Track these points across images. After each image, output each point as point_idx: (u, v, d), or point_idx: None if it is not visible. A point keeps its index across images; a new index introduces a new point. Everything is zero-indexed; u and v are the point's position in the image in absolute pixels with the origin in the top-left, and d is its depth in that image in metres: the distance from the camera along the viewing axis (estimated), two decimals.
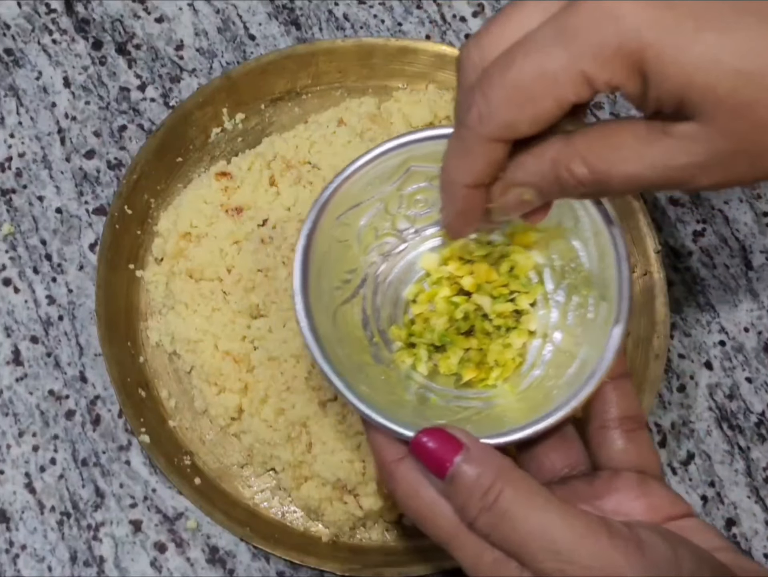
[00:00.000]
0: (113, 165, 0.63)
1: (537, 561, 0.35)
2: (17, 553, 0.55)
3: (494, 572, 0.36)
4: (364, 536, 0.55)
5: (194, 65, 0.66)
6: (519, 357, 0.45)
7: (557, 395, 0.41)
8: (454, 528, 0.37)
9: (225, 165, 0.61)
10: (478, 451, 0.37)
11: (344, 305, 0.45)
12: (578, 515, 0.35)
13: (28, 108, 0.65)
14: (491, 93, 0.34)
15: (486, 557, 0.37)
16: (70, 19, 0.67)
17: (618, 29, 0.32)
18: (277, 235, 0.57)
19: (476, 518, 0.36)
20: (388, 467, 0.39)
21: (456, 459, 0.36)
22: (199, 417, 0.57)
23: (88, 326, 0.59)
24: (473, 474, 0.36)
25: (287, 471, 0.54)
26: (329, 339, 0.42)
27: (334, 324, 0.44)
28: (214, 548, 0.55)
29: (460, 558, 0.38)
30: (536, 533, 0.35)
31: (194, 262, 0.57)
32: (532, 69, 0.33)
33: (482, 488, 0.36)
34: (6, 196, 0.62)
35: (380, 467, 0.40)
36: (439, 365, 0.45)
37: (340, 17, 0.68)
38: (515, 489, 0.36)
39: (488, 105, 0.35)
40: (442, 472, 0.37)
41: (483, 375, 0.45)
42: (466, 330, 0.46)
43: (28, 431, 0.57)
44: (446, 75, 0.64)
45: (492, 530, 0.36)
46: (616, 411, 0.40)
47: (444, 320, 0.45)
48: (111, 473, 0.56)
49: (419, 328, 0.46)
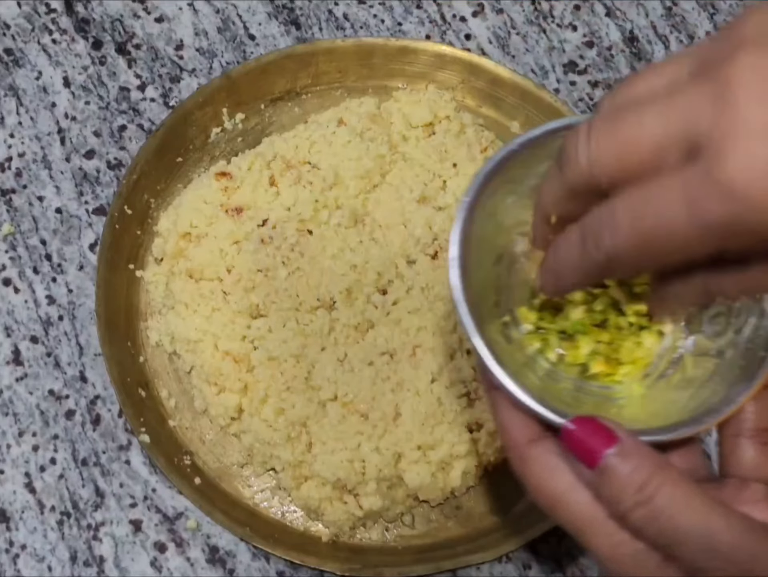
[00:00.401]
0: (113, 165, 0.63)
1: (695, 559, 0.35)
2: (17, 553, 0.55)
3: (635, 564, 0.36)
4: (364, 536, 0.55)
5: (194, 65, 0.66)
6: (648, 357, 0.44)
7: (686, 399, 0.40)
8: (590, 516, 0.37)
9: (225, 165, 0.61)
10: (632, 445, 0.36)
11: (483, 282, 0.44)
12: (738, 516, 0.35)
13: (28, 108, 0.65)
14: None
15: (625, 548, 0.36)
16: (70, 19, 0.67)
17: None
18: (277, 235, 0.57)
19: (630, 511, 0.35)
20: (521, 449, 0.38)
21: (609, 451, 0.36)
22: (199, 417, 0.57)
23: (88, 326, 0.59)
24: (628, 468, 0.36)
25: (287, 471, 0.54)
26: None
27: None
28: (214, 548, 0.55)
29: (594, 546, 0.37)
30: (697, 531, 0.34)
31: (194, 262, 0.57)
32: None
33: (637, 483, 0.35)
34: (6, 196, 0.62)
35: (510, 448, 0.39)
36: (566, 353, 0.45)
37: (340, 17, 0.68)
38: (674, 486, 0.35)
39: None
40: (593, 462, 0.36)
41: (611, 370, 0.44)
42: (599, 322, 0.45)
43: (28, 431, 0.57)
44: (446, 75, 0.64)
45: (647, 525, 0.35)
46: (753, 421, 0.39)
47: (581, 310, 0.45)
48: (111, 472, 0.56)
49: (550, 314, 0.45)
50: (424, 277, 0.57)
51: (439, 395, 0.54)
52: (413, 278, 0.57)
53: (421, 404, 0.54)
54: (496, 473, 0.56)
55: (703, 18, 0.69)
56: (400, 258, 0.57)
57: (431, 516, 0.55)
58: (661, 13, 0.69)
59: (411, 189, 0.59)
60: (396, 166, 0.60)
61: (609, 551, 0.36)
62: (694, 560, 0.35)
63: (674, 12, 0.69)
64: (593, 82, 0.67)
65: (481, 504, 0.56)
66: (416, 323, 0.55)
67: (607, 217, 0.34)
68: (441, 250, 0.58)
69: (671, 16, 0.69)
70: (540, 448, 0.38)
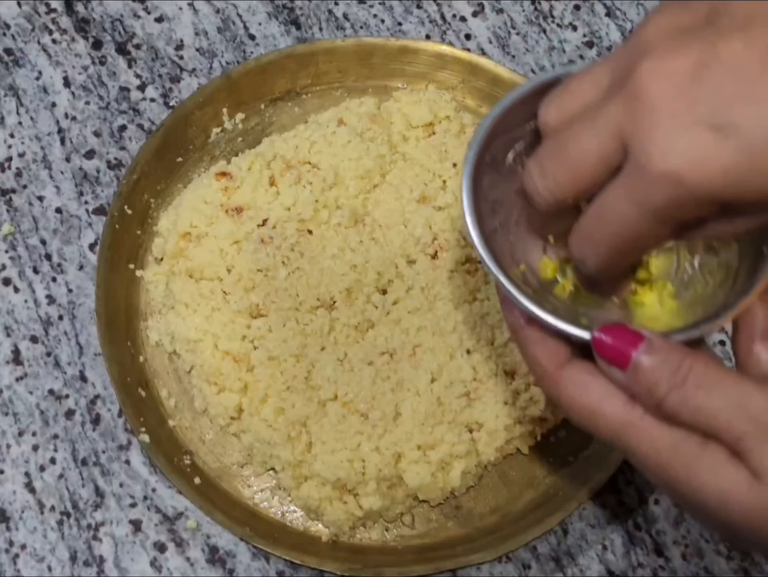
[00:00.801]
0: (113, 165, 0.63)
1: (733, 428, 0.36)
2: (17, 553, 0.55)
3: (674, 451, 0.37)
4: (364, 536, 0.55)
5: (194, 65, 0.66)
6: (662, 279, 0.45)
7: (700, 312, 0.42)
8: (626, 417, 0.38)
9: (225, 165, 0.61)
10: (659, 341, 0.38)
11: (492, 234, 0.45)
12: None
13: (28, 108, 0.65)
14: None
15: (664, 439, 0.38)
16: (70, 18, 0.67)
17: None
18: (277, 235, 0.57)
19: (666, 397, 0.37)
20: (552, 375, 0.41)
21: (639, 347, 0.38)
22: (199, 417, 0.57)
23: (88, 326, 0.59)
24: (659, 359, 0.38)
25: (287, 471, 0.54)
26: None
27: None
28: (214, 548, 0.55)
29: (635, 445, 0.38)
30: (732, 400, 0.36)
31: (194, 262, 0.57)
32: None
33: (670, 369, 0.37)
34: (6, 196, 0.62)
35: (542, 377, 0.41)
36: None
37: (340, 17, 0.68)
38: (705, 366, 0.37)
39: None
40: (625, 362, 0.38)
41: (632, 296, 0.46)
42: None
43: (28, 431, 0.57)
44: (446, 75, 0.64)
45: (683, 406, 0.37)
46: (764, 322, 0.41)
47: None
48: (111, 472, 0.56)
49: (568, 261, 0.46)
50: (424, 277, 0.57)
51: (438, 395, 0.54)
52: (413, 278, 0.57)
53: (421, 403, 0.54)
54: (496, 473, 0.56)
55: None
56: (400, 258, 0.57)
57: (431, 516, 0.55)
58: None
59: (411, 189, 0.59)
60: (396, 166, 0.60)
61: (648, 447, 0.38)
62: (731, 428, 0.36)
63: None
64: None
65: (481, 504, 0.56)
66: (416, 323, 0.55)
67: (581, 234, 0.39)
68: (441, 250, 0.58)
69: None
70: (569, 370, 0.40)
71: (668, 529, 0.56)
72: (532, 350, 0.42)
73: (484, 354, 0.55)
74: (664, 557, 0.56)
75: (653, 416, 0.38)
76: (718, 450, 0.36)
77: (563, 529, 0.56)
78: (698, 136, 0.34)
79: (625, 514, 0.56)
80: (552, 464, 0.56)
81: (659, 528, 0.56)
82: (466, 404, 0.54)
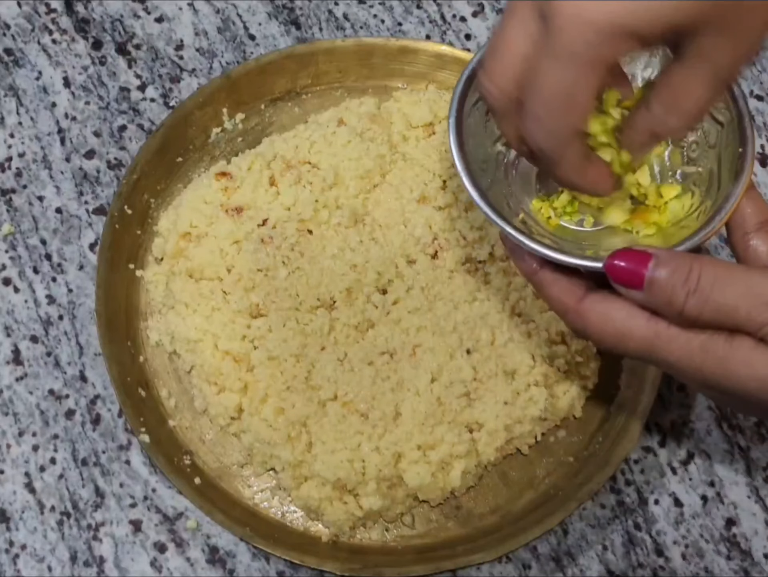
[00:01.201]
0: (113, 165, 0.63)
1: (752, 319, 0.38)
2: (17, 553, 0.55)
3: (705, 352, 0.40)
4: (364, 536, 0.55)
5: (194, 65, 0.66)
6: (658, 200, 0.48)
7: (694, 224, 0.44)
8: (653, 331, 0.41)
9: (225, 165, 0.61)
10: (667, 254, 0.41)
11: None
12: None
13: (28, 108, 0.65)
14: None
15: (692, 343, 0.40)
16: (70, 19, 0.67)
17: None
18: (277, 235, 0.57)
19: (685, 304, 0.39)
20: (574, 309, 0.43)
21: (649, 265, 0.40)
22: (199, 417, 0.57)
23: (88, 326, 0.59)
24: (669, 270, 0.40)
25: (287, 471, 0.54)
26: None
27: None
28: (214, 548, 0.55)
29: (665, 356, 0.41)
30: (746, 291, 0.39)
31: (194, 262, 0.57)
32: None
33: (682, 277, 0.40)
34: (6, 196, 0.62)
35: (565, 314, 0.44)
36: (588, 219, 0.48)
37: (340, 17, 0.68)
38: (713, 266, 0.40)
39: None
40: (639, 281, 0.40)
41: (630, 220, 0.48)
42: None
43: (28, 431, 0.57)
44: (446, 75, 0.64)
45: (702, 308, 0.39)
46: (753, 216, 0.44)
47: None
48: (111, 472, 0.56)
49: (566, 198, 0.48)
50: (424, 277, 0.57)
51: (438, 395, 0.54)
52: (413, 278, 0.57)
53: (421, 403, 0.54)
54: (496, 473, 0.56)
55: None
56: (400, 258, 0.57)
57: (431, 516, 0.55)
58: None
59: (411, 189, 0.59)
60: (396, 166, 0.60)
61: (680, 354, 0.40)
62: (753, 321, 0.39)
63: None
64: None
65: (481, 504, 0.56)
66: (416, 323, 0.55)
67: (527, 119, 0.41)
68: (441, 250, 0.58)
69: None
70: (589, 300, 0.43)
71: (668, 529, 0.56)
72: (550, 291, 0.44)
73: (484, 354, 0.55)
74: (664, 557, 0.56)
75: (678, 325, 0.40)
76: (745, 341, 0.39)
77: (563, 529, 0.56)
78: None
79: (625, 514, 0.56)
80: (552, 464, 0.56)
81: (659, 528, 0.56)
82: (466, 404, 0.54)
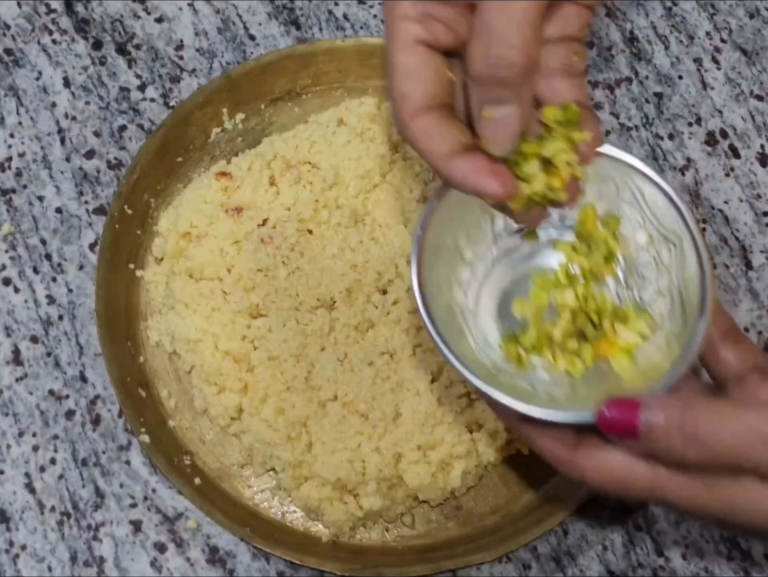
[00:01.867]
0: (113, 165, 0.63)
1: (753, 458, 0.38)
2: (17, 553, 0.55)
3: (711, 494, 0.40)
4: (364, 536, 0.55)
5: (194, 65, 0.66)
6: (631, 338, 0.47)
7: (663, 344, 0.44)
8: (654, 477, 0.41)
9: (225, 165, 0.61)
10: (652, 399, 0.40)
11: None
12: (762, 403, 0.41)
13: (28, 108, 0.65)
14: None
15: (696, 484, 0.40)
16: (70, 19, 0.67)
17: None
18: (277, 235, 0.57)
19: (686, 451, 0.39)
20: (570, 461, 0.43)
21: (641, 415, 0.40)
22: (199, 417, 0.57)
23: (88, 326, 0.59)
24: (663, 418, 0.39)
25: (287, 471, 0.54)
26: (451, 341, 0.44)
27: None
28: (214, 548, 0.55)
29: (669, 499, 0.41)
30: (743, 432, 0.38)
31: (194, 262, 0.57)
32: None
33: (677, 424, 0.39)
34: (6, 196, 0.62)
35: (561, 465, 0.43)
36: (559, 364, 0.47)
37: (340, 17, 0.68)
38: (704, 409, 0.39)
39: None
40: (634, 432, 0.40)
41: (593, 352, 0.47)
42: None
43: (28, 431, 0.57)
44: None
45: (704, 455, 0.39)
46: (718, 329, 0.45)
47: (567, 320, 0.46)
48: (111, 473, 0.56)
49: (534, 335, 0.46)
50: None
51: (439, 395, 0.54)
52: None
53: (421, 404, 0.53)
54: (496, 474, 0.56)
55: (703, 18, 0.69)
56: (400, 258, 0.57)
57: (431, 516, 0.55)
58: (661, 13, 0.69)
59: (411, 189, 0.59)
60: (396, 166, 0.60)
61: (684, 494, 0.41)
62: (753, 460, 0.39)
63: (674, 12, 0.69)
64: (593, 82, 0.67)
65: (481, 504, 0.56)
66: (416, 323, 0.55)
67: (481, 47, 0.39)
68: None
69: (671, 16, 0.69)
70: (584, 451, 0.42)
71: (668, 529, 0.56)
72: (540, 443, 0.44)
73: None
74: (664, 557, 0.56)
75: (677, 469, 0.40)
76: (749, 480, 0.39)
77: (563, 529, 0.56)
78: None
79: (625, 514, 0.56)
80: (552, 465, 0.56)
81: (659, 528, 0.56)
82: (466, 404, 0.54)
